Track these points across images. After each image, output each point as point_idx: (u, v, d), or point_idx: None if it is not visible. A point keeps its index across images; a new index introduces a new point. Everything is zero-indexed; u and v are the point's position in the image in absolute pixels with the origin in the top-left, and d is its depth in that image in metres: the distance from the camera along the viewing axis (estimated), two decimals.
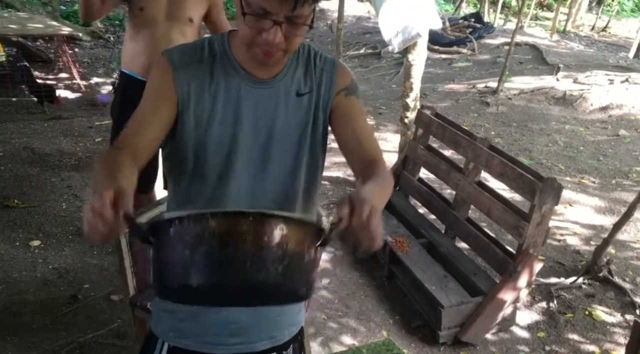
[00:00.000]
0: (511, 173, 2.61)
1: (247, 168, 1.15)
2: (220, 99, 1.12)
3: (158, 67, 1.14)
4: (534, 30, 11.02)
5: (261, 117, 1.14)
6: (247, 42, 1.05)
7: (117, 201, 0.83)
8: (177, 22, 2.41)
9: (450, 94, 6.59)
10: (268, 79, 1.15)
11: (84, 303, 2.63)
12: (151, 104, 1.12)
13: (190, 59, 1.12)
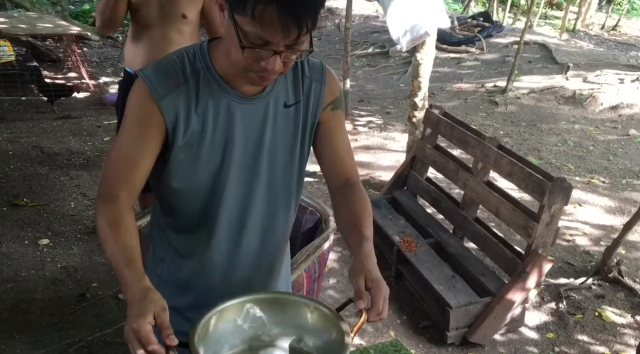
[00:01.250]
0: (520, 173, 2.59)
1: (237, 182, 1.15)
2: (209, 120, 1.08)
3: (139, 97, 1.05)
4: (543, 29, 10.95)
5: (251, 132, 1.12)
6: (242, 68, 1.00)
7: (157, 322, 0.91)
8: (171, 20, 2.42)
9: (458, 94, 6.56)
10: (256, 94, 1.11)
11: (92, 302, 2.65)
12: (138, 138, 1.05)
13: (173, 83, 1.05)
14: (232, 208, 1.17)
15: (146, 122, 1.05)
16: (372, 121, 5.57)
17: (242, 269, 1.26)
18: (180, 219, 1.20)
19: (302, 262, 1.83)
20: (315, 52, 1.14)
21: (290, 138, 1.17)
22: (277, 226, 1.26)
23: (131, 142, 1.06)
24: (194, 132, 1.07)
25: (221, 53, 1.06)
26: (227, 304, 1.14)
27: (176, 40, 2.43)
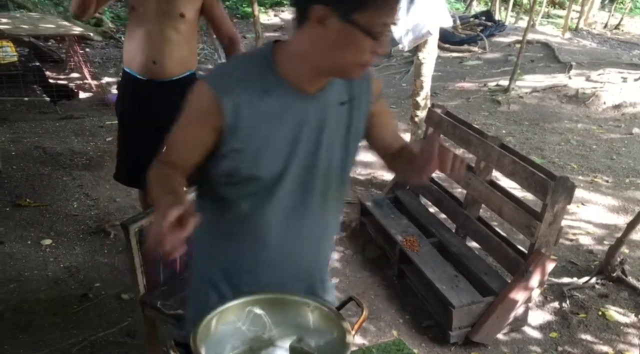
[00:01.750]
0: (523, 172, 2.58)
1: (295, 180, 1.18)
2: (273, 118, 1.12)
3: (199, 94, 1.11)
4: (545, 28, 10.92)
5: (311, 130, 1.16)
6: (352, 64, 1.06)
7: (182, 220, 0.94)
8: (168, 19, 2.38)
9: (461, 93, 6.55)
10: (316, 93, 1.15)
11: (95, 302, 2.65)
12: (195, 133, 1.14)
13: (234, 83, 1.10)
14: (287, 206, 1.20)
15: (203, 120, 1.11)
16: None
17: (298, 268, 1.31)
18: (232, 216, 1.23)
19: None
20: None
21: (344, 135, 1.22)
22: (331, 222, 1.32)
23: (187, 132, 1.16)
24: (256, 130, 1.11)
25: (291, 57, 1.10)
26: (227, 305, 1.14)
27: (174, 39, 2.41)
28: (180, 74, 2.49)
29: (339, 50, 1.04)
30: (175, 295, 1.98)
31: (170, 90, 2.46)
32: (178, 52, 2.44)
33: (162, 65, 2.42)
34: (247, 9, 10.11)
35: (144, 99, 2.50)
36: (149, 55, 2.41)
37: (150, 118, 2.49)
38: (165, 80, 2.47)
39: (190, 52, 2.53)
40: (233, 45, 2.60)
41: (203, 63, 7.38)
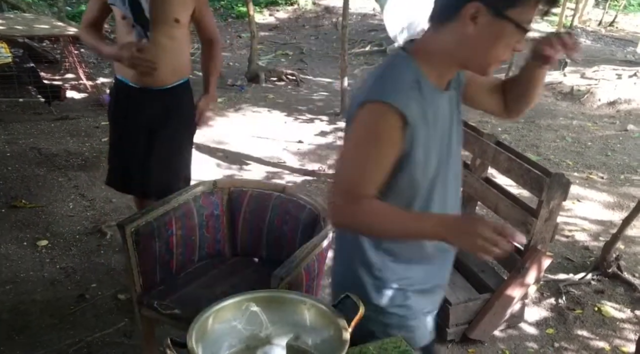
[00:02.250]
0: (518, 169, 2.59)
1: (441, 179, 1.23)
2: (434, 125, 1.16)
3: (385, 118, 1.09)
4: (540, 25, 10.94)
5: (447, 126, 1.21)
6: (496, 60, 1.11)
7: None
8: (162, 25, 2.29)
9: None
10: (447, 87, 1.21)
11: (92, 303, 2.64)
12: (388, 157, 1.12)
13: (406, 97, 1.10)
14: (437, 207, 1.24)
15: (394, 140, 1.11)
16: None
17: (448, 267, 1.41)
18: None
19: (301, 260, 1.82)
20: (312, 51, 1.18)
21: (458, 124, 1.27)
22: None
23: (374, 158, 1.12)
24: (425, 137, 1.14)
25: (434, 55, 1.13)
26: (223, 303, 1.14)
27: (168, 46, 2.33)
28: (175, 81, 2.44)
29: (488, 46, 1.08)
30: (171, 295, 1.98)
31: (165, 98, 2.42)
32: (172, 60, 2.38)
33: (156, 74, 2.33)
34: (242, 8, 10.10)
35: (138, 107, 2.45)
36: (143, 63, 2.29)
37: (144, 126, 2.45)
38: (160, 88, 2.41)
39: (185, 58, 2.47)
40: (213, 46, 2.56)
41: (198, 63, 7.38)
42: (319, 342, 1.14)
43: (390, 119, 1.08)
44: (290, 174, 4.30)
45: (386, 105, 1.08)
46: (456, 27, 1.08)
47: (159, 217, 2.03)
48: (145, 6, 2.26)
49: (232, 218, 2.28)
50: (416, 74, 1.13)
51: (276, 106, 5.91)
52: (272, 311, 1.17)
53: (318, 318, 1.15)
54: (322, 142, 4.97)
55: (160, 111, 2.44)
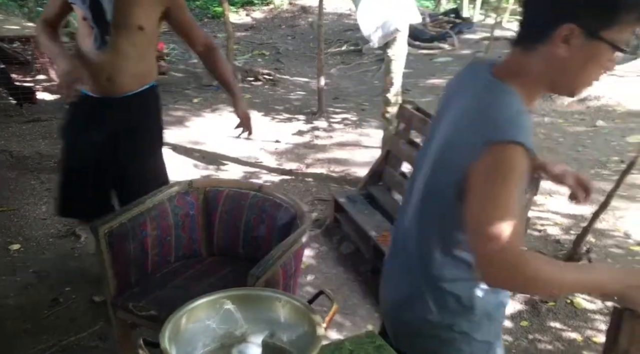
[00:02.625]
0: None
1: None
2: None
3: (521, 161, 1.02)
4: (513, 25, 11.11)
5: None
6: (590, 80, 1.09)
7: None
8: (124, 31, 2.14)
9: (432, 89, 6.62)
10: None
11: (66, 306, 2.61)
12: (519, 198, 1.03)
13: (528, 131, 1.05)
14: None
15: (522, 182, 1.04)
16: (347, 118, 5.59)
17: None
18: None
19: (277, 258, 1.83)
20: (289, 51, 1.17)
21: None
22: None
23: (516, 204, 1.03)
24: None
25: (523, 79, 1.09)
26: (197, 302, 1.14)
27: (129, 52, 2.19)
28: (137, 89, 2.29)
29: (581, 68, 1.06)
30: (147, 296, 1.96)
31: (129, 106, 2.29)
32: (135, 68, 2.23)
33: (116, 82, 2.21)
34: (217, 8, 10.05)
35: (100, 119, 2.29)
36: (101, 71, 2.19)
37: (109, 138, 2.30)
38: (122, 96, 2.26)
39: (149, 65, 2.33)
40: (211, 52, 2.39)
41: (175, 63, 7.32)
42: (294, 338, 1.15)
43: (524, 159, 1.02)
44: (268, 173, 4.29)
45: (518, 145, 1.01)
46: (547, 49, 1.05)
47: (133, 218, 2.02)
48: (108, 8, 2.11)
49: (208, 218, 2.27)
50: (520, 102, 1.08)
51: (253, 106, 5.90)
52: (246, 309, 1.17)
53: (293, 315, 1.15)
54: (299, 141, 4.97)
55: (125, 121, 2.30)
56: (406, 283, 1.28)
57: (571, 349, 2.51)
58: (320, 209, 3.70)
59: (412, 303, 1.27)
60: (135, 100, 2.29)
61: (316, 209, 3.72)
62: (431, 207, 1.20)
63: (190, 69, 7.03)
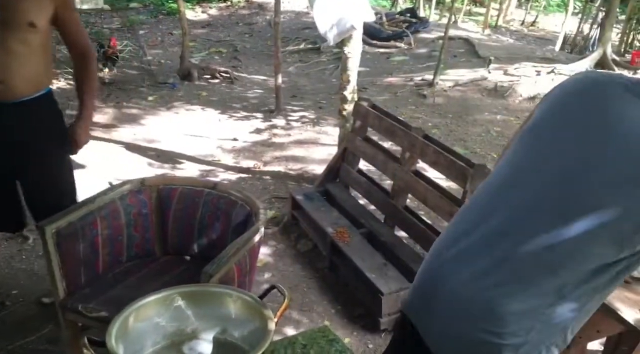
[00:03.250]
0: (444, 161, 2.69)
1: None
2: None
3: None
4: (467, 25, 11.38)
5: None
6: None
7: None
8: (13, 28, 1.95)
9: (388, 87, 6.70)
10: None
11: (12, 310, 2.51)
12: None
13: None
14: None
15: None
16: (305, 115, 5.60)
17: None
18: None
19: (232, 255, 1.81)
20: (246, 48, 1.13)
21: None
22: None
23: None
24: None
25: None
26: (145, 300, 1.12)
27: (21, 52, 1.98)
28: (33, 93, 2.09)
29: None
30: (98, 297, 1.91)
31: (22, 113, 2.08)
32: (29, 69, 2.04)
33: (9, 85, 2.00)
34: (173, 4, 9.86)
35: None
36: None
37: (2, 148, 2.10)
38: (15, 102, 2.04)
39: (45, 67, 2.13)
40: (84, 59, 2.20)
41: (128, 60, 7.15)
42: (246, 334, 1.14)
43: None
44: (225, 171, 4.25)
45: None
46: None
47: (82, 217, 1.96)
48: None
49: (161, 216, 2.23)
50: None
51: (210, 104, 5.83)
52: (197, 306, 1.16)
53: (244, 310, 1.15)
54: (257, 139, 4.94)
55: (20, 129, 2.09)
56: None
57: None
58: (278, 207, 3.69)
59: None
60: (30, 107, 2.09)
61: (274, 207, 3.71)
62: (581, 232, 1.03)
63: (145, 67, 6.89)
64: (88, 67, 2.22)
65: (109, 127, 5.00)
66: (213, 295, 1.17)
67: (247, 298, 1.14)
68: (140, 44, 7.23)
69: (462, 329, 1.09)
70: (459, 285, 1.09)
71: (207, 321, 1.16)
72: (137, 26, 8.66)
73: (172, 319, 1.14)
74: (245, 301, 1.14)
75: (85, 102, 2.24)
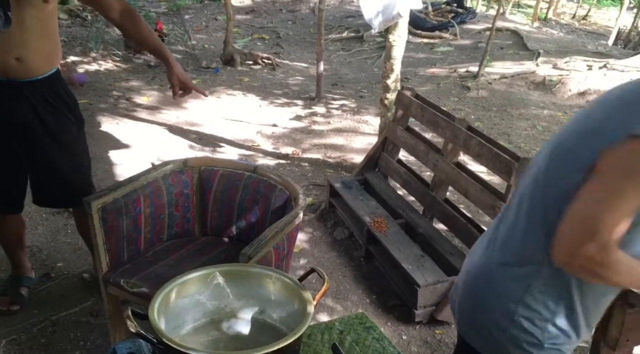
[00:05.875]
0: (488, 153, 2.62)
1: None
2: None
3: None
4: (515, 17, 11.05)
5: None
6: None
7: None
8: (28, 5, 1.93)
9: (431, 78, 6.59)
10: None
11: (57, 282, 2.60)
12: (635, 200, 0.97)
13: None
14: None
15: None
16: (346, 104, 5.56)
17: None
18: None
19: (270, 238, 1.82)
20: (289, 35, 1.13)
21: None
22: None
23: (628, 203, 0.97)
24: None
25: None
26: (187, 276, 1.13)
27: (36, 28, 1.98)
28: (47, 71, 2.09)
29: None
30: (139, 273, 1.95)
31: (39, 91, 2.08)
32: (44, 45, 2.04)
33: (27, 62, 2.00)
34: None
35: (5, 105, 2.07)
36: (9, 51, 1.96)
37: (16, 127, 2.10)
38: (31, 80, 2.05)
39: (56, 44, 2.13)
40: (131, 17, 2.14)
41: (173, 44, 7.25)
42: (284, 315, 1.14)
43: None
44: (264, 156, 4.28)
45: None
46: None
47: (126, 194, 2.00)
48: None
49: (202, 197, 2.26)
50: None
51: (251, 89, 5.86)
52: (237, 285, 1.16)
53: (283, 292, 1.15)
54: (296, 126, 4.95)
55: (37, 107, 2.10)
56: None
57: None
58: (315, 194, 3.69)
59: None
60: (46, 84, 2.10)
61: (311, 194, 3.71)
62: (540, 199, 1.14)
63: (189, 51, 6.97)
64: (138, 22, 2.16)
65: (153, 110, 5.09)
66: (253, 275, 1.17)
67: (287, 279, 1.14)
68: (185, 28, 7.32)
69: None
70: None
71: (246, 300, 1.16)
72: (183, 10, 8.75)
73: (212, 297, 1.15)
74: (284, 282, 1.14)
75: (162, 49, 2.19)
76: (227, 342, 1.12)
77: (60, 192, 2.27)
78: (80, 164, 2.30)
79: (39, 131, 2.14)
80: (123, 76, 5.90)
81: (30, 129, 2.13)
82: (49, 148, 2.18)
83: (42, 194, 2.29)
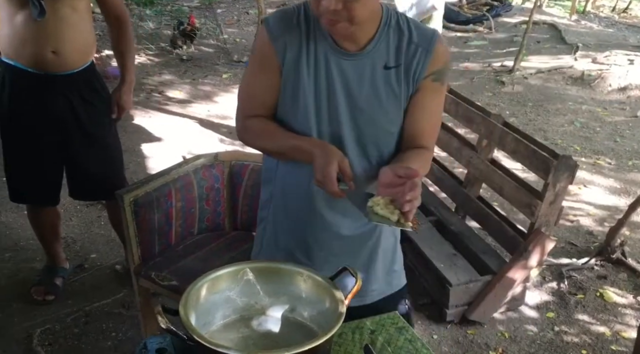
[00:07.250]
0: (525, 150, 2.54)
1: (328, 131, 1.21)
2: (311, 66, 1.17)
3: (260, 39, 1.20)
4: (552, 9, 10.74)
5: (346, 87, 1.18)
6: (315, 13, 1.12)
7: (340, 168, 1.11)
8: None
9: (465, 73, 6.46)
10: (355, 52, 1.18)
11: (90, 273, 2.65)
12: (258, 76, 1.22)
13: (287, 25, 1.17)
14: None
15: (264, 62, 1.19)
16: None
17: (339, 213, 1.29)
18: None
19: None
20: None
21: (388, 99, 1.21)
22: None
23: (253, 80, 1.24)
24: (298, 74, 1.18)
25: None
26: (218, 272, 1.12)
27: (71, 19, 1.98)
28: (83, 64, 2.11)
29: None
30: (169, 267, 1.96)
31: (75, 86, 2.11)
32: (80, 37, 2.04)
33: (63, 55, 2.00)
34: None
35: (42, 99, 2.08)
36: (45, 43, 1.96)
37: (53, 121, 2.12)
38: (66, 74, 2.06)
39: (92, 35, 2.15)
40: (120, 25, 2.19)
41: (205, 38, 7.30)
42: (315, 314, 1.12)
43: (262, 35, 1.18)
44: None
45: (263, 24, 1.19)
46: None
47: (158, 188, 2.01)
48: None
49: (232, 192, 2.26)
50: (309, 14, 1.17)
51: None
52: (267, 282, 1.14)
53: (315, 290, 1.12)
54: None
55: (71, 103, 2.12)
56: None
57: (598, 343, 2.44)
58: None
59: None
60: (82, 78, 2.12)
61: None
62: None
63: (221, 45, 7.00)
64: (125, 31, 2.21)
65: (184, 103, 5.13)
66: (284, 272, 1.15)
67: (319, 278, 1.12)
68: (217, 22, 7.36)
69: None
70: None
71: (276, 298, 1.14)
72: (215, 5, 8.81)
73: (242, 294, 1.13)
74: (316, 280, 1.12)
75: (127, 66, 2.26)
76: (256, 339, 1.10)
77: (93, 185, 2.31)
78: (112, 157, 2.33)
79: (72, 125, 2.17)
80: (156, 70, 5.97)
81: (64, 124, 2.16)
82: (82, 142, 2.21)
83: (77, 187, 2.34)
